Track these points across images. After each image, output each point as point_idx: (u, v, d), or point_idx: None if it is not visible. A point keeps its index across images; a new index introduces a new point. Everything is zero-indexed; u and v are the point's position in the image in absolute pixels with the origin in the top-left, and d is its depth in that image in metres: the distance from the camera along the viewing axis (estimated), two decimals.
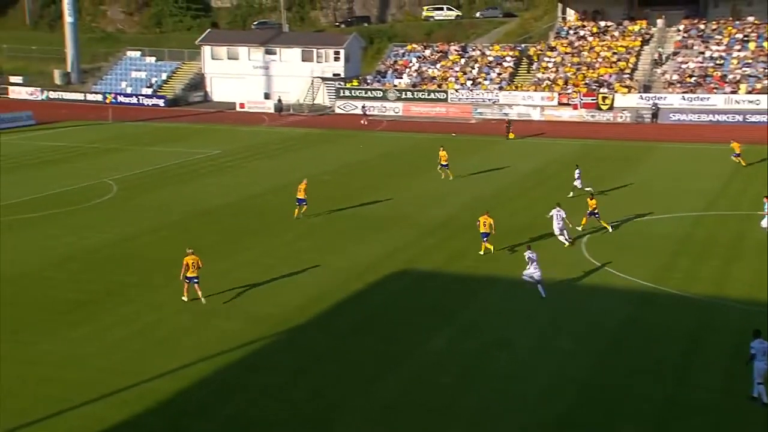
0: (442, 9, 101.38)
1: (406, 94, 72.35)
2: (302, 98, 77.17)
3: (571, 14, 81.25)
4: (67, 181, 41.70)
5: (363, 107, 69.78)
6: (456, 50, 78.17)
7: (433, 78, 74.36)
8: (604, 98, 66.66)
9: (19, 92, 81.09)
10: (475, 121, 67.47)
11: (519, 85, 71.41)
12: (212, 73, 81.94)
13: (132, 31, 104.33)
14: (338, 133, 61.04)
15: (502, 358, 20.42)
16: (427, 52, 78.70)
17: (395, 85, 73.70)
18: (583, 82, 69.40)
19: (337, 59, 77.89)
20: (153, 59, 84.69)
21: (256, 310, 23.58)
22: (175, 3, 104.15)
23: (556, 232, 29.58)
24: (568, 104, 67.58)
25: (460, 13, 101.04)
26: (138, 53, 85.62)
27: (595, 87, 68.54)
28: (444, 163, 41.36)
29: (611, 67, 70.63)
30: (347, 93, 73.94)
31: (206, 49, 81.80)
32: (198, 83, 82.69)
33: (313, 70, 78.00)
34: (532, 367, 19.89)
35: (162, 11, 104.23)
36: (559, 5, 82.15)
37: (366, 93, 73.44)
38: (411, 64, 77.05)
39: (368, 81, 75.62)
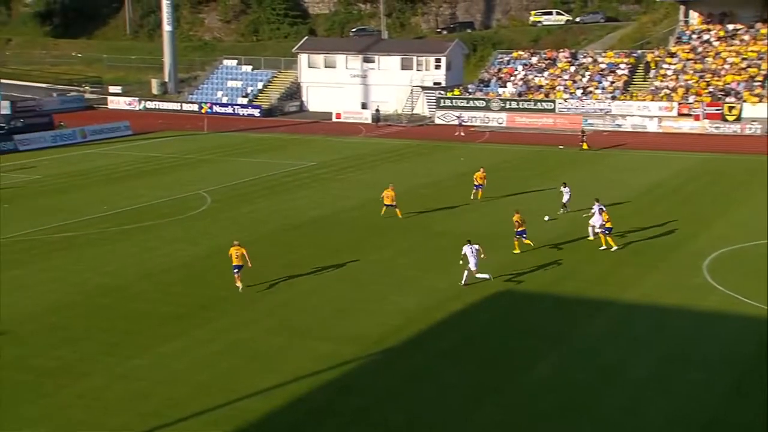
0: (551, 14, 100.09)
1: (510, 104, 71.76)
2: (401, 108, 77.66)
3: (694, 17, 78.71)
4: (161, 192, 43.34)
5: (458, 117, 69.69)
6: (565, 57, 77.04)
7: (540, 87, 73.50)
8: (730, 108, 64.19)
9: (117, 102, 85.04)
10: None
11: (634, 94, 69.67)
12: (308, 82, 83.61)
13: (229, 39, 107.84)
14: (438, 144, 61.09)
15: (615, 389, 19.86)
16: (534, 60, 77.90)
17: (499, 95, 73.26)
18: (706, 91, 67.06)
19: (438, 67, 78.12)
20: (249, 68, 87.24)
21: (351, 330, 23.80)
22: (273, 10, 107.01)
23: (595, 228, 31.63)
24: (689, 115, 65.42)
25: (570, 18, 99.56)
26: (234, 62, 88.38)
27: (720, 96, 66.11)
28: (478, 183, 40.35)
29: (739, 75, 67.97)
30: (448, 103, 73.97)
31: (303, 57, 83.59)
32: (294, 92, 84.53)
33: (413, 79, 78.48)
34: (649, 400, 19.24)
35: (259, 19, 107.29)
36: (681, 8, 79.76)
37: (468, 103, 73.28)
38: (516, 72, 76.42)
39: (470, 90, 75.45)
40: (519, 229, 30.72)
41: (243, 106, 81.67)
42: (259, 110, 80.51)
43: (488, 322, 24.47)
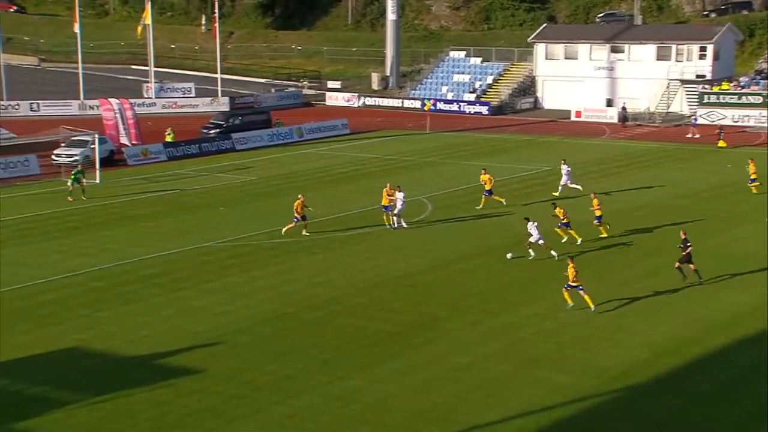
0: None
1: None
2: (654, 105, 74.97)
3: None
4: (378, 198, 44.80)
5: (692, 116, 66.16)
6: None
7: None
8: None
9: (335, 98, 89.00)
10: None
11: None
12: (545, 76, 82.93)
13: (457, 28, 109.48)
14: (698, 148, 58.28)
15: None
16: None
17: None
18: None
19: (702, 57, 74.61)
20: (478, 60, 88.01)
21: (591, 361, 23.34)
22: None
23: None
24: None
25: None
26: (462, 53, 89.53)
27: None
28: (488, 188, 40.95)
29: None
30: (713, 99, 70.36)
31: (540, 48, 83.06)
32: (528, 87, 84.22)
33: (670, 71, 75.48)
34: None
35: (492, 5, 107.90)
36: None
37: (739, 99, 69.32)
38: None
39: (743, 84, 71.22)
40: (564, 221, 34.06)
41: (470, 102, 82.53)
42: (487, 107, 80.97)
43: (756, 360, 22.93)
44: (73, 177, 44.23)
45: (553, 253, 32.18)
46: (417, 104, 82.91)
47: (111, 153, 55.41)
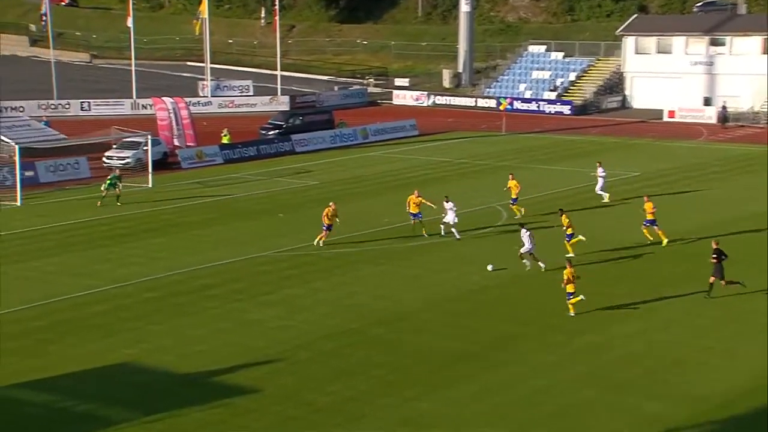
0: None
1: None
2: (758, 104, 73.45)
3: None
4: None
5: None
6: None
7: None
8: None
9: (403, 97, 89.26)
10: None
11: None
12: (635, 72, 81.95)
13: (537, 20, 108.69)
14: None
15: None
16: None
17: None
18: None
19: None
20: (559, 55, 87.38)
21: (686, 388, 22.93)
22: None
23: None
24: None
25: None
26: (542, 48, 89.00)
27: None
28: (514, 196, 41.54)
29: None
30: None
31: (629, 41, 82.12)
32: (615, 85, 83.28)
33: None
34: None
35: None
36: None
37: None
38: None
39: None
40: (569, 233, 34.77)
41: (550, 101, 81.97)
42: (569, 107, 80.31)
43: None
44: (109, 182, 44.77)
45: (541, 264, 32.62)
46: (492, 103, 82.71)
47: (164, 155, 56.27)
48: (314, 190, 49.26)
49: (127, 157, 53.43)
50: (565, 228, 34.74)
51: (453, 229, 37.40)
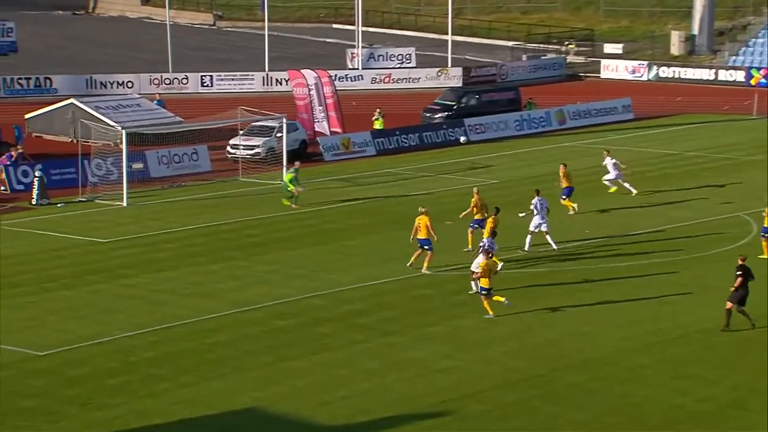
0: None
1: None
2: None
3: None
4: (677, 212, 44.08)
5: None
6: None
7: None
8: None
9: (615, 69, 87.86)
10: None
11: None
12: None
13: None
14: None
15: None
16: None
17: None
18: None
19: None
20: None
21: None
22: None
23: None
24: None
25: None
26: None
27: None
28: (565, 186, 44.26)
29: None
30: None
31: None
32: None
33: None
34: None
35: None
36: None
37: None
38: None
39: None
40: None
41: None
42: None
43: None
44: (291, 176, 45.85)
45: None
46: (739, 76, 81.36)
47: (302, 144, 57.15)
48: (493, 190, 48.97)
49: (257, 146, 54.46)
50: None
51: (547, 236, 38.57)
